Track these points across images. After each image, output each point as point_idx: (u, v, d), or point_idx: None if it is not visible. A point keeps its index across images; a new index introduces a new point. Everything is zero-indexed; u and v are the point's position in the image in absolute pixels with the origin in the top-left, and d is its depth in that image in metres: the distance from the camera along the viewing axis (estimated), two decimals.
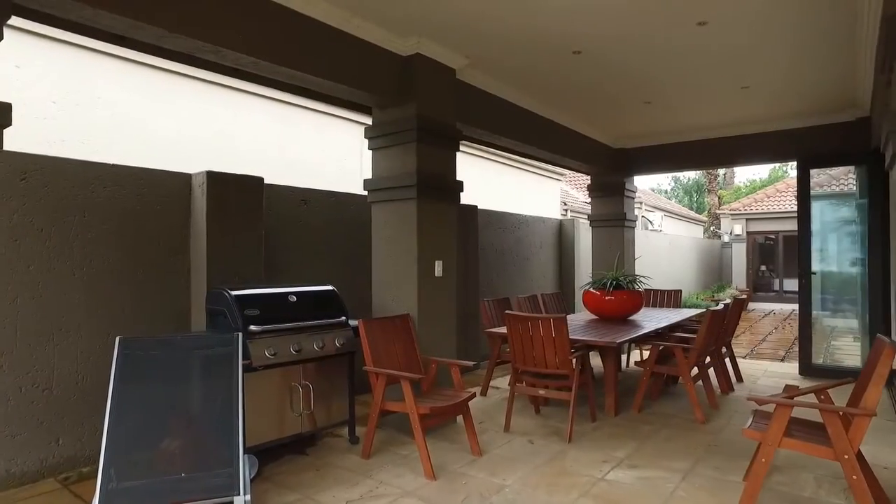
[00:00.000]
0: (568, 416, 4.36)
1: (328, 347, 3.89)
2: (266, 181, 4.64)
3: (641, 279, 5.99)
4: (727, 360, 6.06)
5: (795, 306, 16.30)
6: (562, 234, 9.78)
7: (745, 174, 45.68)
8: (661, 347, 5.05)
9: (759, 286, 17.02)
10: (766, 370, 6.86)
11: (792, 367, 6.97)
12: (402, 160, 4.52)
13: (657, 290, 7.46)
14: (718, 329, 5.28)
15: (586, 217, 9.42)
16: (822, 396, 3.33)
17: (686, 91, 5.83)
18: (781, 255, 16.88)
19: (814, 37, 4.49)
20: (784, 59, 4.98)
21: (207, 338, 3.42)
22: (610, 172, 8.16)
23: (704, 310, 6.91)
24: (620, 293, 5.74)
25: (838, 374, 6.49)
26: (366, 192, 4.81)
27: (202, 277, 4.14)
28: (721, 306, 5.49)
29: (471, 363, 4.02)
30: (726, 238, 20.13)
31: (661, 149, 7.85)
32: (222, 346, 3.18)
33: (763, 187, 27.37)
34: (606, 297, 5.76)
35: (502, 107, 5.82)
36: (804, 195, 6.64)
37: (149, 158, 5.52)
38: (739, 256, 16.82)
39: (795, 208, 16.81)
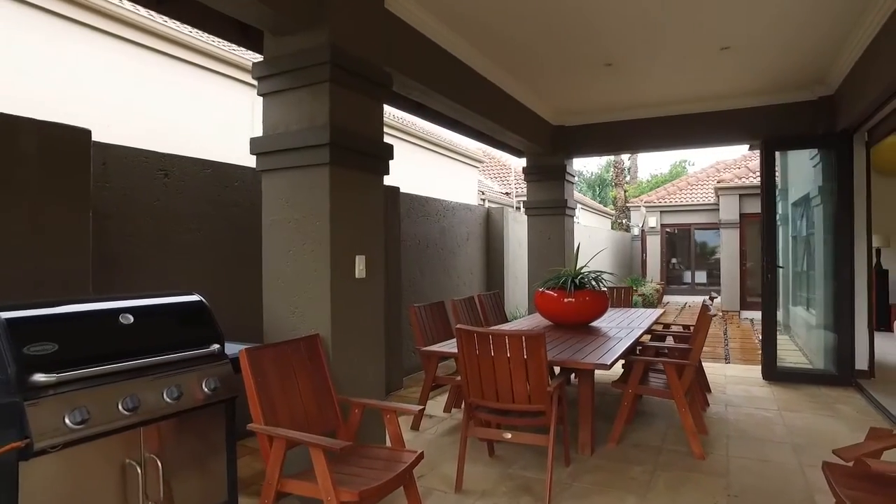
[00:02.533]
0: (535, 460, 3.20)
1: (190, 395, 2.41)
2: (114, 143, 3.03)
3: (604, 277, 4.96)
4: None
5: (707, 298, 16.84)
6: (490, 225, 8.68)
7: (648, 169, 47.72)
8: (644, 362, 4.02)
9: (672, 279, 17.07)
10: (726, 375, 6.14)
11: (752, 371, 6.30)
12: (307, 109, 3.10)
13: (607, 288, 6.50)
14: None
15: (510, 207, 8.43)
16: None
17: (658, 52, 4.84)
18: (693, 248, 17.03)
19: None
20: (769, 13, 4.11)
21: None
22: (550, 153, 7.12)
23: (661, 310, 6.06)
24: (583, 294, 4.66)
25: (804, 378, 5.87)
26: (257, 161, 3.33)
27: None
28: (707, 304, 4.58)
29: (415, 408, 2.74)
30: (636, 231, 20.20)
31: (609, 127, 6.92)
32: None
33: (665, 182, 28.18)
34: (566, 300, 4.66)
35: (441, 57, 4.53)
36: (769, 181, 5.94)
37: None
38: (654, 249, 16.76)
39: (708, 201, 17.27)
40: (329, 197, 3.01)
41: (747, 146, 9.71)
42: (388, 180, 3.85)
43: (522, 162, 7.51)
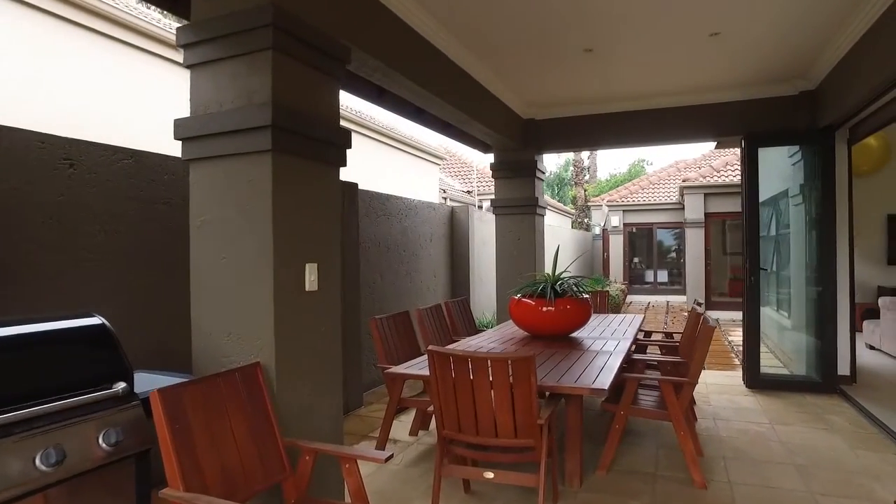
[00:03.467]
0: (519, 497, 2.71)
1: (80, 456, 1.81)
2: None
3: (584, 283, 4.52)
4: None
5: (669, 297, 16.74)
6: (454, 225, 8.18)
7: (607, 168, 48.24)
8: (637, 380, 3.58)
9: (634, 278, 16.98)
10: (706, 383, 5.81)
11: (733, 377, 6.00)
12: (244, 83, 2.51)
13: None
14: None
15: (473, 205, 7.96)
16: None
17: (644, 36, 4.43)
18: (655, 247, 16.98)
19: None
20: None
21: None
22: (519, 148, 6.67)
23: (641, 316, 5.68)
24: (563, 302, 4.21)
25: (787, 386, 5.60)
26: (183, 148, 2.72)
27: None
28: (699, 310, 4.20)
29: (381, 456, 2.21)
30: (597, 230, 20.10)
31: (582, 121, 6.51)
32: None
33: (624, 181, 28.35)
34: (544, 309, 4.20)
35: (406, 35, 3.99)
36: (752, 179, 5.63)
37: None
38: (616, 248, 16.62)
39: (670, 200, 17.22)
40: (271, 192, 2.44)
41: (714, 144, 9.53)
42: (344, 177, 3.29)
43: (486, 159, 7.03)
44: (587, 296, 4.39)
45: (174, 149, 2.90)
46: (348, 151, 2.98)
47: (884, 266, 8.77)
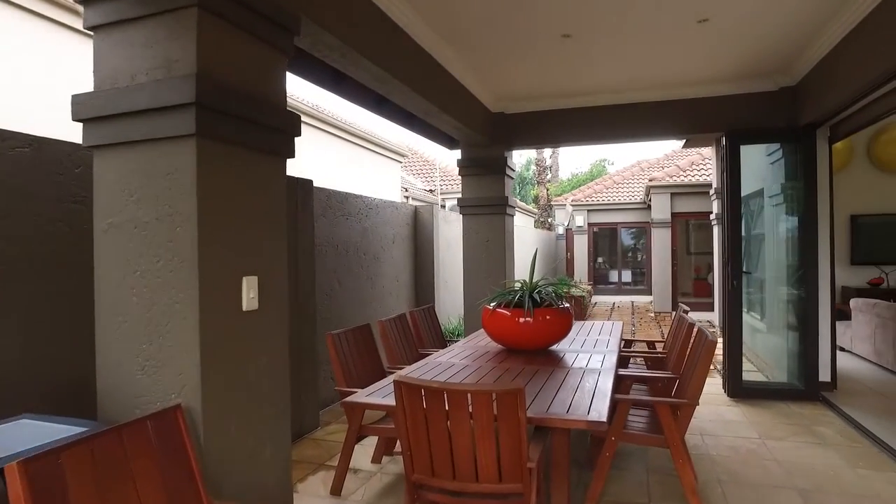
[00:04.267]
0: None
1: None
2: None
3: (567, 286, 4.13)
4: None
5: (634, 298, 16.68)
6: (418, 225, 7.72)
7: (568, 167, 48.52)
8: (630, 402, 3.19)
9: (598, 278, 16.86)
10: None
11: (713, 385, 5.72)
12: (162, 50, 1.99)
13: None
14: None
15: (436, 204, 7.53)
16: None
17: (627, 21, 4.07)
18: (620, 247, 16.91)
19: None
20: None
21: None
22: (488, 143, 6.25)
23: (620, 322, 5.34)
24: (543, 313, 3.79)
25: (769, 394, 5.35)
26: (84, 132, 2.16)
27: None
28: (686, 316, 3.87)
29: None
30: (561, 230, 19.97)
31: (553, 116, 6.15)
32: None
33: (586, 181, 28.40)
34: (522, 320, 3.78)
35: (368, 11, 3.50)
36: (734, 177, 5.36)
37: None
38: (581, 248, 16.45)
39: (635, 200, 17.15)
40: (196, 187, 1.93)
41: (679, 143, 9.35)
42: (298, 173, 2.79)
43: (450, 157, 6.60)
44: (567, 304, 3.99)
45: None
46: (304, 146, 2.49)
47: (847, 266, 8.72)
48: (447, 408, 2.20)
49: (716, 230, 9.68)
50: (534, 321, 3.76)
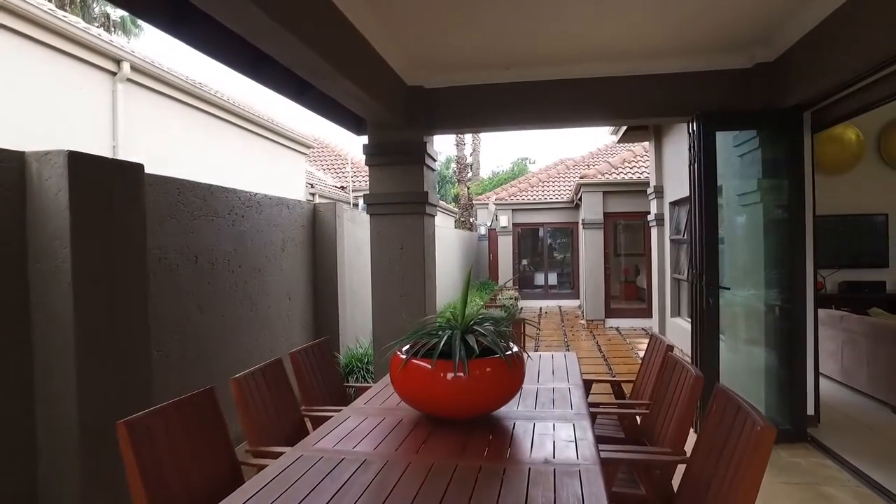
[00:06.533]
0: None
1: None
2: None
3: (505, 320, 2.86)
4: None
5: (561, 302, 15.75)
6: (318, 228, 6.24)
7: (489, 165, 47.99)
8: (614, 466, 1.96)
9: (524, 282, 15.96)
10: None
11: None
12: None
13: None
14: None
15: (347, 203, 6.15)
16: None
17: None
18: (546, 249, 16.06)
19: None
20: None
21: None
22: (403, 124, 4.92)
23: (573, 353, 4.15)
24: (483, 365, 2.50)
25: None
26: None
27: None
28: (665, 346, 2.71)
29: None
30: (483, 230, 18.98)
31: (485, 92, 4.90)
32: None
33: (508, 180, 27.71)
34: (450, 377, 2.46)
35: None
36: (709, 170, 4.32)
37: None
38: (505, 250, 15.44)
39: (561, 199, 16.25)
40: None
41: (605, 140, 8.39)
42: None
43: (362, 146, 5.18)
44: (515, 348, 2.72)
45: None
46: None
47: None
48: None
49: (654, 232, 8.88)
50: (469, 379, 2.46)
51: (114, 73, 6.42)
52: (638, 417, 3.21)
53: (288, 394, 3.15)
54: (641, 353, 8.46)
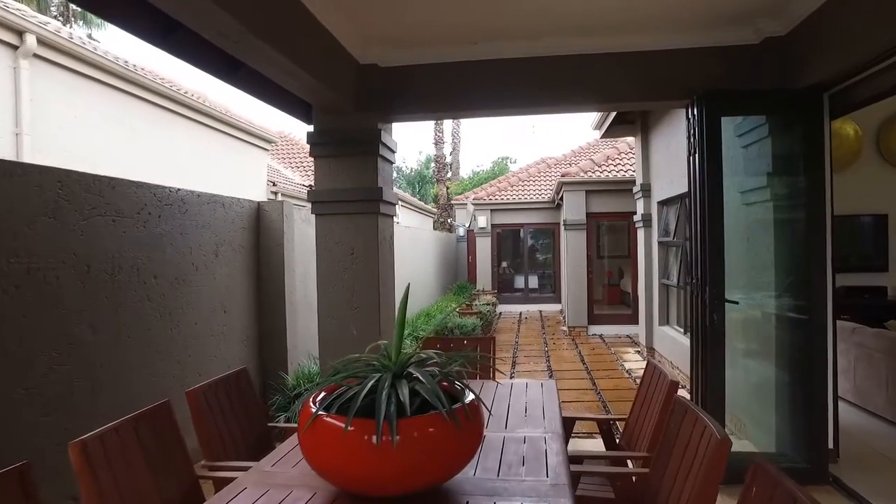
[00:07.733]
0: None
1: None
2: None
3: (460, 358, 2.14)
4: None
5: (542, 306, 15.02)
6: (263, 230, 5.46)
7: (469, 165, 47.29)
8: None
9: (503, 285, 15.26)
10: None
11: None
12: None
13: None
14: None
15: (288, 201, 5.36)
16: None
17: None
18: (526, 251, 15.39)
19: None
20: None
21: None
22: (353, 108, 4.17)
23: (553, 384, 3.42)
24: (424, 424, 1.77)
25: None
26: None
27: None
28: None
29: None
30: (462, 231, 18.28)
31: (452, 72, 4.18)
32: None
33: (488, 179, 27.04)
34: (373, 440, 1.73)
35: None
36: (712, 163, 3.63)
37: None
38: (484, 251, 14.74)
39: (542, 199, 15.52)
40: None
41: (592, 137, 7.80)
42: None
43: (306, 134, 4.42)
44: (473, 394, 1.99)
45: None
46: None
47: None
48: None
49: (640, 233, 8.24)
50: (402, 445, 1.72)
51: (15, 47, 5.54)
52: (633, 476, 2.50)
53: (175, 449, 2.38)
54: (627, 365, 7.84)
